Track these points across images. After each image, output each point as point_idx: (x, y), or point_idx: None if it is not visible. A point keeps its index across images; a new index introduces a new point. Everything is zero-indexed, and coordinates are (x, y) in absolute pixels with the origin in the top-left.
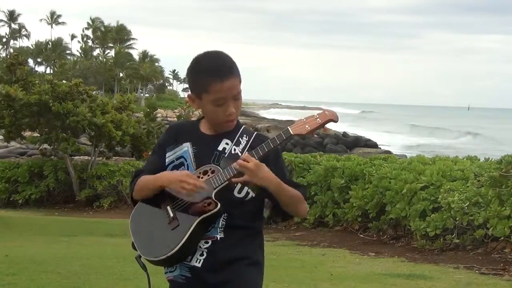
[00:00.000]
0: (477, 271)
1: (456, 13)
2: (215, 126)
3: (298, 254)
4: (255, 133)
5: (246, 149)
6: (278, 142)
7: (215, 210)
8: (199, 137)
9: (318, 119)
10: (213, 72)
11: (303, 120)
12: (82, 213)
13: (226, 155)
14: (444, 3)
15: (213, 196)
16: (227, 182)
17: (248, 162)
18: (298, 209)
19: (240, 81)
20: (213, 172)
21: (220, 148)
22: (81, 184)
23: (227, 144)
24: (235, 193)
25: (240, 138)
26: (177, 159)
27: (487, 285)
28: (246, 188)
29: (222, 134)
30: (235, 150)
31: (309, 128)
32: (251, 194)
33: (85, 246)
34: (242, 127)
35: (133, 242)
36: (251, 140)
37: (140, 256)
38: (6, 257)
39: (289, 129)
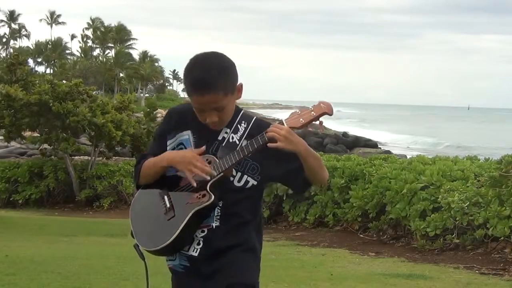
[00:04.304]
0: (477, 271)
1: (456, 13)
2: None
3: (298, 254)
4: (254, 118)
5: (244, 136)
6: None
7: (209, 202)
8: (199, 125)
9: (312, 112)
10: (193, 84)
11: (297, 112)
12: (82, 213)
13: (223, 144)
14: (444, 3)
15: (208, 187)
16: (222, 174)
17: (280, 130)
18: (322, 172)
19: (225, 95)
20: (209, 163)
21: (220, 137)
22: (81, 184)
23: (226, 133)
24: (235, 182)
25: (238, 125)
26: (177, 145)
27: (487, 285)
28: (245, 177)
29: None
30: (233, 138)
31: (303, 121)
32: (251, 182)
33: (85, 246)
34: (241, 113)
35: (132, 230)
36: (249, 127)
37: (138, 245)
38: (6, 257)
39: (284, 122)
